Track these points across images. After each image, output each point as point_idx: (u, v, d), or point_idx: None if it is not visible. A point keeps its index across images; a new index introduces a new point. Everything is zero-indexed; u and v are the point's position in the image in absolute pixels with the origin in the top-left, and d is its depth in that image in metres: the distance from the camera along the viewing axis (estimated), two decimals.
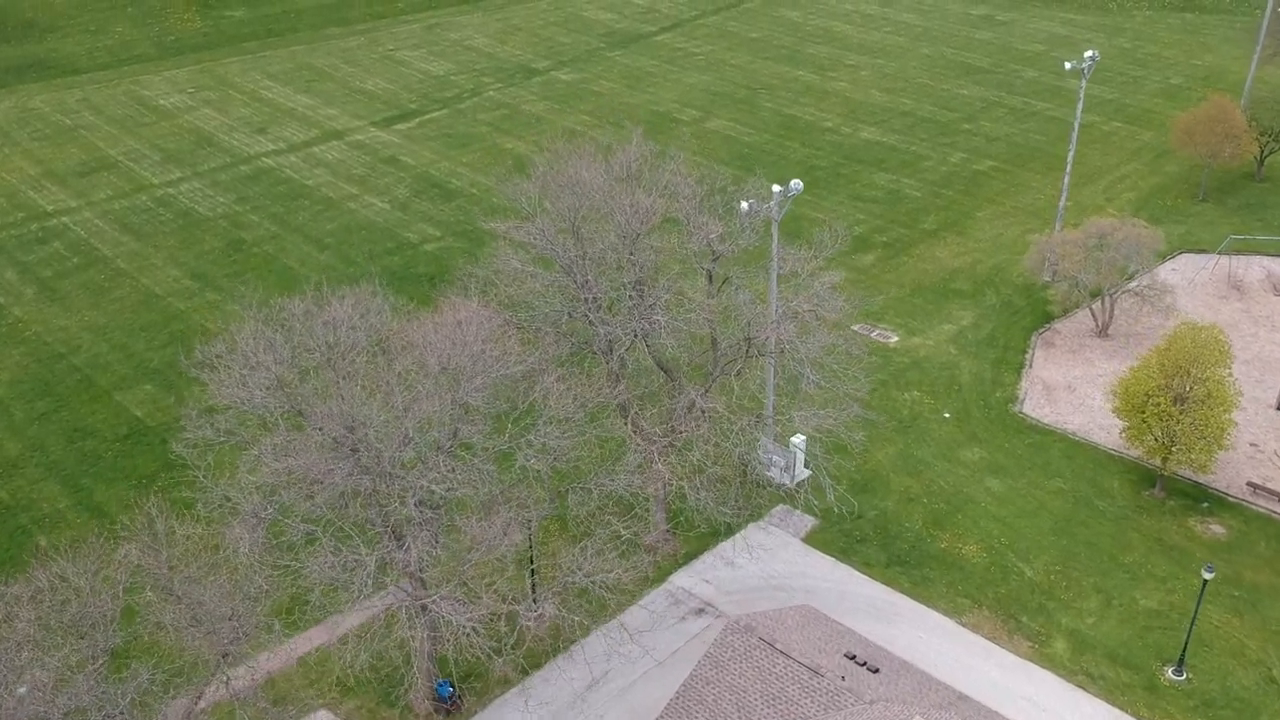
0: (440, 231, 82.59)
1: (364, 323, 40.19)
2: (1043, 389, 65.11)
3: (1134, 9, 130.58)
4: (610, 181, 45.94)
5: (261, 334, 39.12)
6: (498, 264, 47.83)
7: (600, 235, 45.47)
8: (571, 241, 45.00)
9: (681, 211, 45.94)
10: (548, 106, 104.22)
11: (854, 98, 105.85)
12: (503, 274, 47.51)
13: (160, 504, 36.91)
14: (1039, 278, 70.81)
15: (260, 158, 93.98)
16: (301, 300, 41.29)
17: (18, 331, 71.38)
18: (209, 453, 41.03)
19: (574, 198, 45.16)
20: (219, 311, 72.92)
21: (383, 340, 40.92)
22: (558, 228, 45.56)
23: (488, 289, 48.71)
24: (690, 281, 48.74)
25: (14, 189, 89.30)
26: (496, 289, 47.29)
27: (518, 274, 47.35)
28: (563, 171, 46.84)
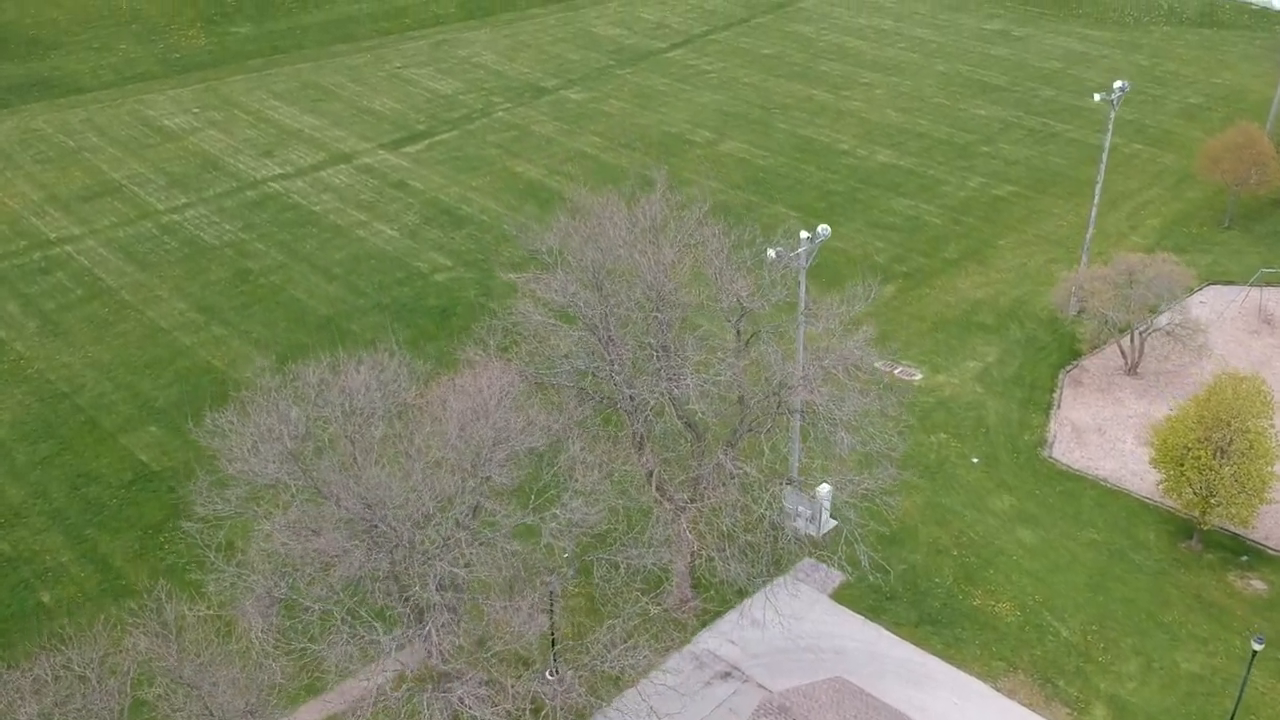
0: (451, 261, 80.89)
1: (382, 391, 38.25)
2: (1072, 431, 63.33)
3: (1151, 24, 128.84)
4: (634, 235, 43.80)
5: (275, 403, 37.16)
6: (518, 317, 45.87)
7: (625, 291, 43.58)
8: (595, 298, 43.14)
9: (710, 267, 44.00)
10: (558, 127, 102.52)
11: (869, 118, 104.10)
12: (524, 328, 45.60)
13: (169, 587, 35.10)
14: (1066, 313, 68.90)
15: (267, 182, 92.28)
16: (316, 367, 39.25)
17: (20, 369, 69.67)
18: (220, 528, 39.18)
19: (597, 252, 43.23)
20: (225, 347, 71.29)
21: (402, 408, 39.07)
22: (580, 282, 43.67)
23: (508, 344, 46.89)
24: (718, 338, 46.91)
25: (16, 215, 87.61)
26: (518, 346, 45.43)
27: (539, 328, 45.44)
28: (585, 223, 44.81)
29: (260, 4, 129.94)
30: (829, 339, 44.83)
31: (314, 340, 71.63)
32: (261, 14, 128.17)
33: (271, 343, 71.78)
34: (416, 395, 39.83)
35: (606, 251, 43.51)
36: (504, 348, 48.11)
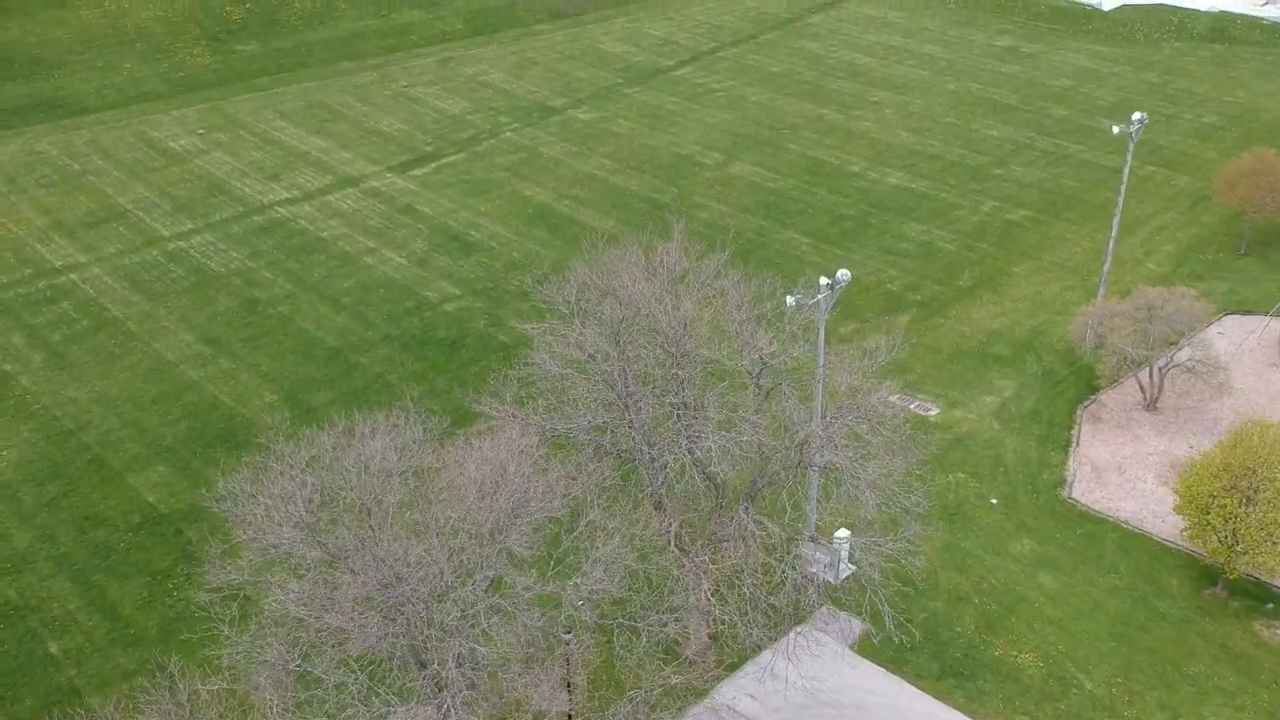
0: (460, 290, 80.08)
1: (398, 454, 37.41)
2: (1091, 470, 62.46)
3: (1162, 40, 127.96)
4: (654, 288, 42.96)
5: (289, 471, 36.33)
6: (534, 369, 45.06)
7: (644, 347, 42.74)
8: (614, 353, 42.30)
9: (731, 322, 43.16)
10: (566, 149, 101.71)
11: (880, 139, 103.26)
12: (540, 381, 44.79)
13: (182, 664, 34.27)
14: (1084, 349, 67.97)
15: (274, 207, 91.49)
16: (331, 430, 38.44)
17: (26, 404, 68.89)
18: (233, 600, 38.36)
19: (615, 305, 42.38)
20: (233, 381, 70.51)
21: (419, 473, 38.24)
22: (598, 337, 42.83)
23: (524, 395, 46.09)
24: (738, 390, 46.04)
25: (21, 242, 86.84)
26: (534, 399, 44.63)
27: (556, 379, 44.62)
28: (602, 276, 43.98)
29: (265, 22, 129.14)
30: (852, 392, 43.86)
31: (323, 373, 70.94)
32: (267, 32, 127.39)
33: (280, 376, 70.98)
34: (434, 457, 38.88)
35: (626, 304, 42.54)
36: (520, 400, 47.24)
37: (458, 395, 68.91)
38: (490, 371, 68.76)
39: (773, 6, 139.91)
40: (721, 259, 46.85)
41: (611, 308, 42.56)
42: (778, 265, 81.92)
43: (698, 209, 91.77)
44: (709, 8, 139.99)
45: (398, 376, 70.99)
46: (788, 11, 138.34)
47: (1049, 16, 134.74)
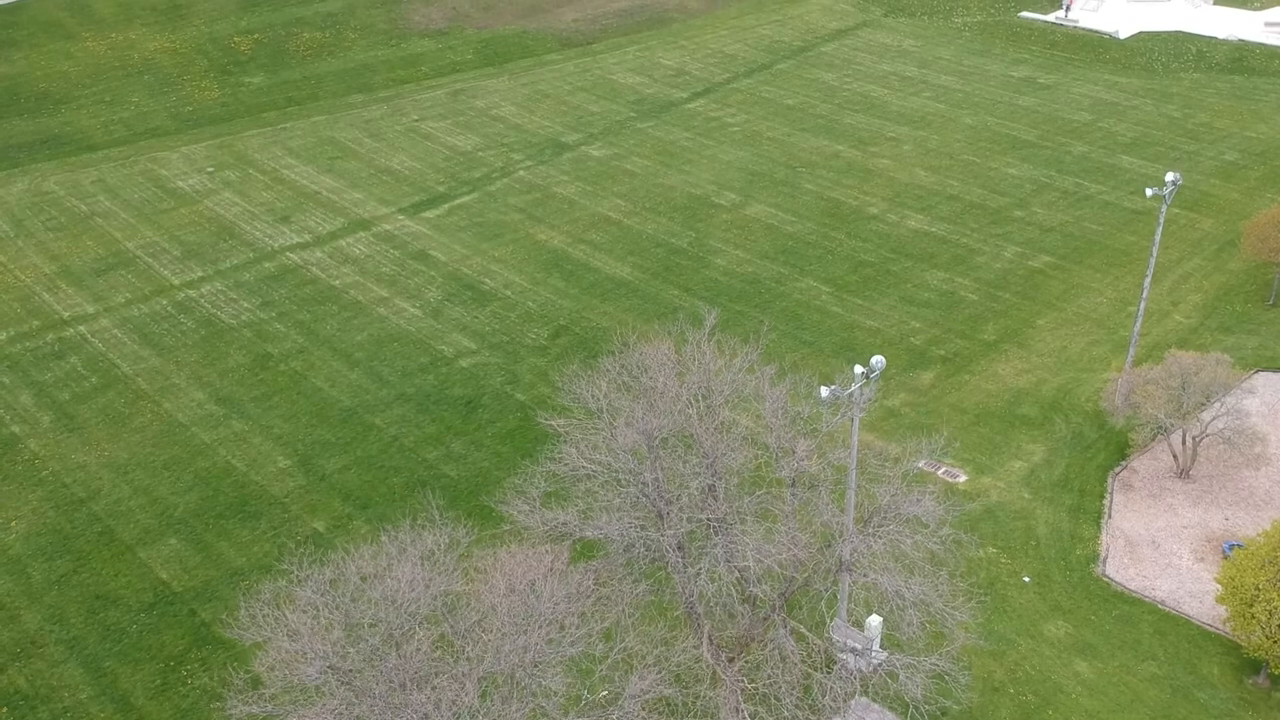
0: (475, 343, 78.64)
1: (426, 586, 35.94)
2: (1125, 545, 60.98)
3: (1180, 71, 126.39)
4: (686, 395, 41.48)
5: (311, 603, 34.88)
6: (563, 468, 43.60)
7: (679, 461, 41.24)
8: (648, 458, 40.82)
9: (769, 432, 41.66)
10: (580, 189, 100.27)
11: (898, 178, 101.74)
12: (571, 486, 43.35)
13: None
14: (1116, 417, 66.42)
15: (284, 252, 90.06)
16: (356, 556, 36.97)
17: (35, 470, 67.47)
18: None
19: (648, 412, 40.90)
20: (246, 445, 69.06)
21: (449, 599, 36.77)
22: (630, 447, 41.37)
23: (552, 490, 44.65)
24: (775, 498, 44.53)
25: (28, 291, 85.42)
26: (563, 499, 43.19)
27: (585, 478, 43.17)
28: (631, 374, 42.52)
29: (274, 52, 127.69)
30: (891, 496, 42.34)
31: (336, 436, 69.58)
32: (275, 63, 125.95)
33: (293, 440, 69.57)
34: (463, 580, 37.41)
35: (656, 408, 41.07)
36: (548, 495, 45.80)
37: (475, 460, 67.73)
38: (508, 435, 67.58)
39: (785, 35, 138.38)
40: (754, 354, 45.11)
41: (644, 414, 40.96)
42: (798, 317, 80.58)
43: (715, 254, 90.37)
44: (721, 35, 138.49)
45: (413, 440, 69.47)
46: (801, 40, 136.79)
47: (1065, 45, 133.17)
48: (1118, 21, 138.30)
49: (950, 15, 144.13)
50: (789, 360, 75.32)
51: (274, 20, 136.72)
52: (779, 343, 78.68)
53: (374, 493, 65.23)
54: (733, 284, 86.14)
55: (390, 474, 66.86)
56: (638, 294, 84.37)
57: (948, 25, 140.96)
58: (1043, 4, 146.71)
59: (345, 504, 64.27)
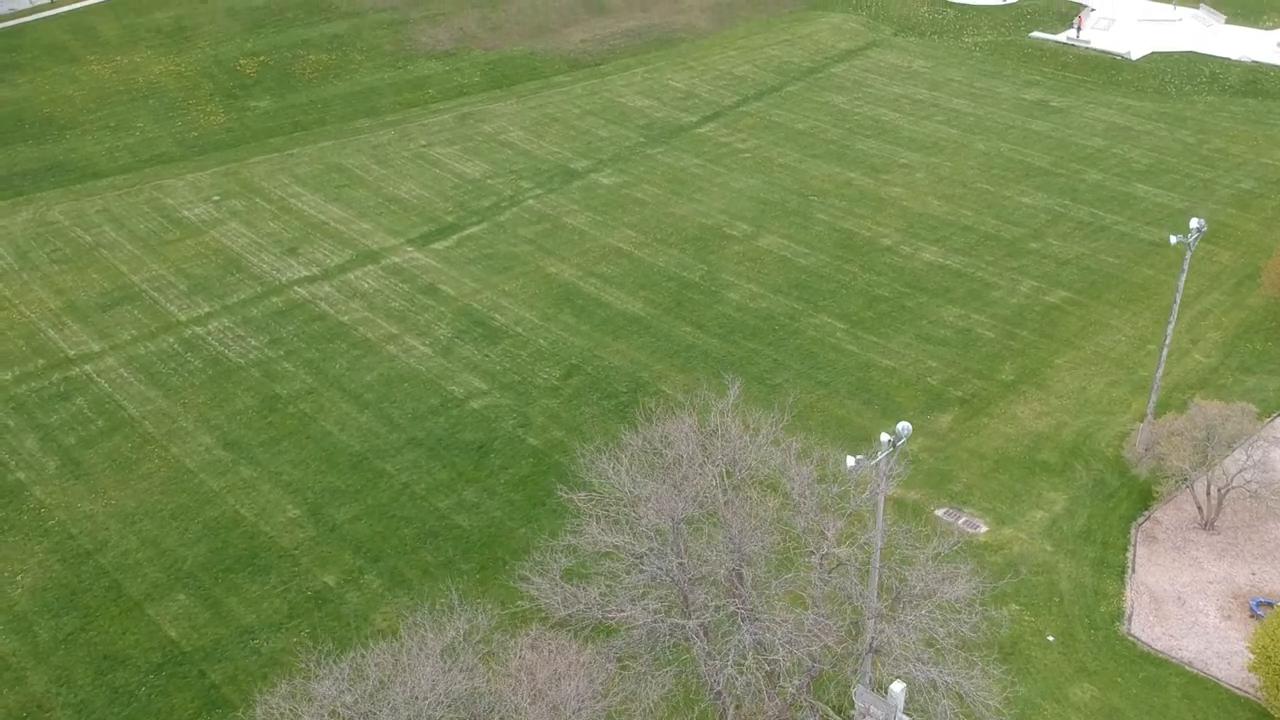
0: (486, 384, 77.59)
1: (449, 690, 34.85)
2: (1150, 601, 59.89)
3: (1194, 94, 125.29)
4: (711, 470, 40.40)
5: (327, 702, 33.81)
6: (583, 544, 42.53)
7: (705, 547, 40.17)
8: (670, 548, 39.75)
9: (797, 515, 40.57)
10: (590, 219, 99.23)
11: (911, 207, 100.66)
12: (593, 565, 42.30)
13: None
14: (1139, 469, 65.34)
15: (292, 286, 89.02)
16: (376, 651, 35.91)
17: (41, 520, 66.47)
18: None
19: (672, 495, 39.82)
20: (254, 493, 68.09)
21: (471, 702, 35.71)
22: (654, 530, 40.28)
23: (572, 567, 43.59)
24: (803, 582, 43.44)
25: (33, 328, 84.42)
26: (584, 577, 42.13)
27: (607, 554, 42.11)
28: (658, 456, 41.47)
29: (280, 75, 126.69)
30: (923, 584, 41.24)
31: (346, 484, 68.66)
32: (281, 86, 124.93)
33: (302, 487, 68.58)
34: (486, 677, 36.34)
35: (681, 490, 39.99)
36: (567, 572, 44.73)
37: (488, 508, 66.77)
38: (520, 483, 66.57)
39: (795, 55, 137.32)
40: (779, 423, 44.04)
41: (670, 496, 39.87)
42: (813, 355, 79.60)
43: (728, 288, 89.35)
44: (729, 56, 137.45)
45: (424, 488, 68.48)
46: (810, 60, 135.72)
47: (1077, 67, 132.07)
48: (1129, 42, 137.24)
49: (960, 34, 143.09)
50: (805, 401, 74.39)
51: (279, 42, 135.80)
52: (793, 382, 77.69)
53: (385, 544, 64.21)
54: (746, 320, 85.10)
55: (401, 524, 65.84)
56: (650, 331, 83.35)
57: (958, 45, 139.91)
58: (1053, 23, 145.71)
59: (356, 556, 63.25)
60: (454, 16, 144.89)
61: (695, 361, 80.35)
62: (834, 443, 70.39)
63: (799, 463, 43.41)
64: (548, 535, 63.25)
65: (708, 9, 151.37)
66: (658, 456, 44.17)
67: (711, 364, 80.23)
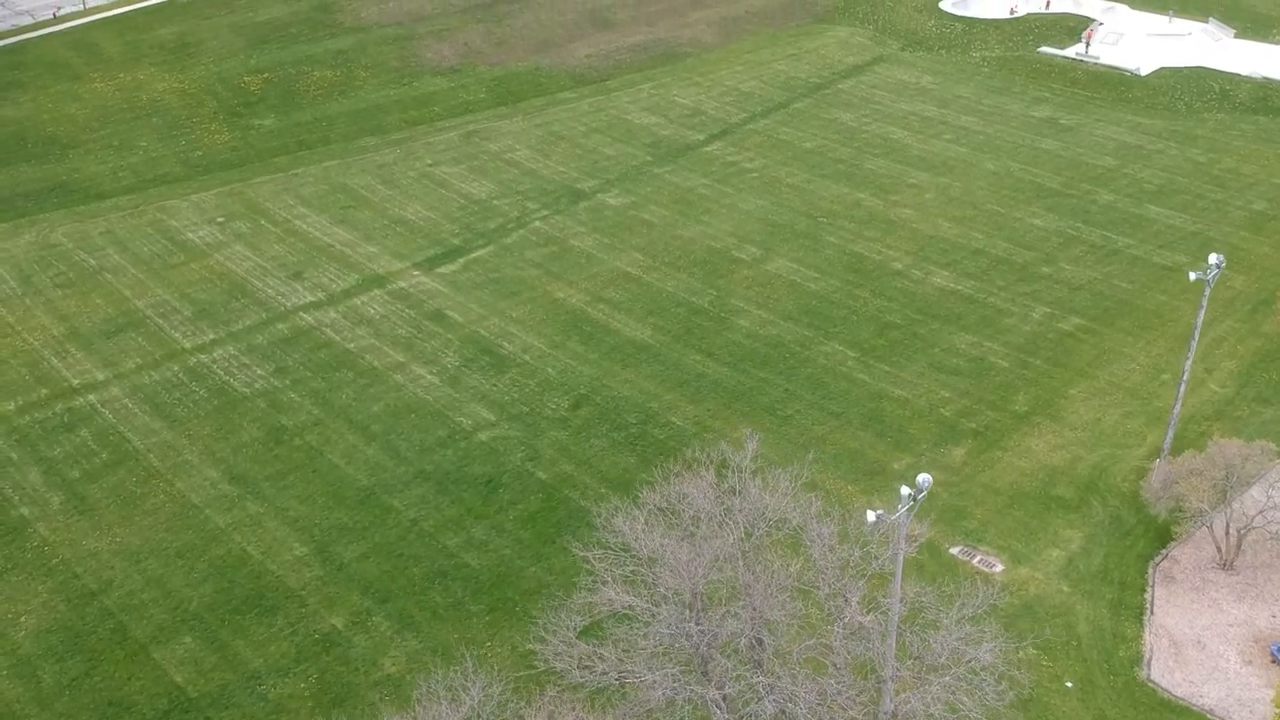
0: (494, 415, 76.77)
1: None
2: (1169, 645, 59.04)
3: (1204, 111, 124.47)
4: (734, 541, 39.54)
5: None
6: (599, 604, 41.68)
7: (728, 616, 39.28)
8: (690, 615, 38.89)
9: (821, 582, 39.70)
10: (597, 241, 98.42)
11: (921, 230, 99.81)
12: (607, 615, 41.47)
13: None
14: (1157, 509, 64.51)
15: (298, 313, 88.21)
16: None
17: (45, 558, 65.70)
18: None
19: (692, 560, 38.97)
20: (261, 530, 67.37)
21: None
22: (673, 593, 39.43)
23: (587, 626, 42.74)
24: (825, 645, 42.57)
25: (37, 356, 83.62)
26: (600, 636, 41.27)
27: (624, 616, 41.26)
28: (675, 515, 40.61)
29: (285, 92, 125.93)
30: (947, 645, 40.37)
31: (354, 520, 68.01)
32: (286, 103, 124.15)
33: (309, 523, 67.85)
34: None
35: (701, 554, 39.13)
36: (582, 631, 43.90)
37: (497, 546, 66.05)
38: (530, 519, 65.81)
39: (801, 70, 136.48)
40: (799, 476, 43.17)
41: (688, 562, 39.02)
42: (824, 385, 78.80)
43: (737, 314, 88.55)
44: (736, 71, 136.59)
45: (433, 524, 67.70)
46: (817, 76, 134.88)
47: (1086, 83, 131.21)
48: (1138, 57, 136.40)
49: (968, 49, 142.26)
50: (817, 433, 73.66)
51: (284, 58, 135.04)
52: (805, 413, 76.96)
53: (393, 584, 63.42)
54: (756, 348, 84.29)
55: (410, 563, 65.04)
56: (659, 359, 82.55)
57: (965, 60, 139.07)
58: (1061, 37, 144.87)
59: (364, 597, 62.46)
60: (459, 31, 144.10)
61: (705, 391, 79.48)
62: (847, 477, 69.77)
63: (820, 522, 42.50)
64: (558, 576, 62.58)
65: (714, 23, 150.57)
66: (676, 516, 43.28)
67: (722, 394, 79.38)
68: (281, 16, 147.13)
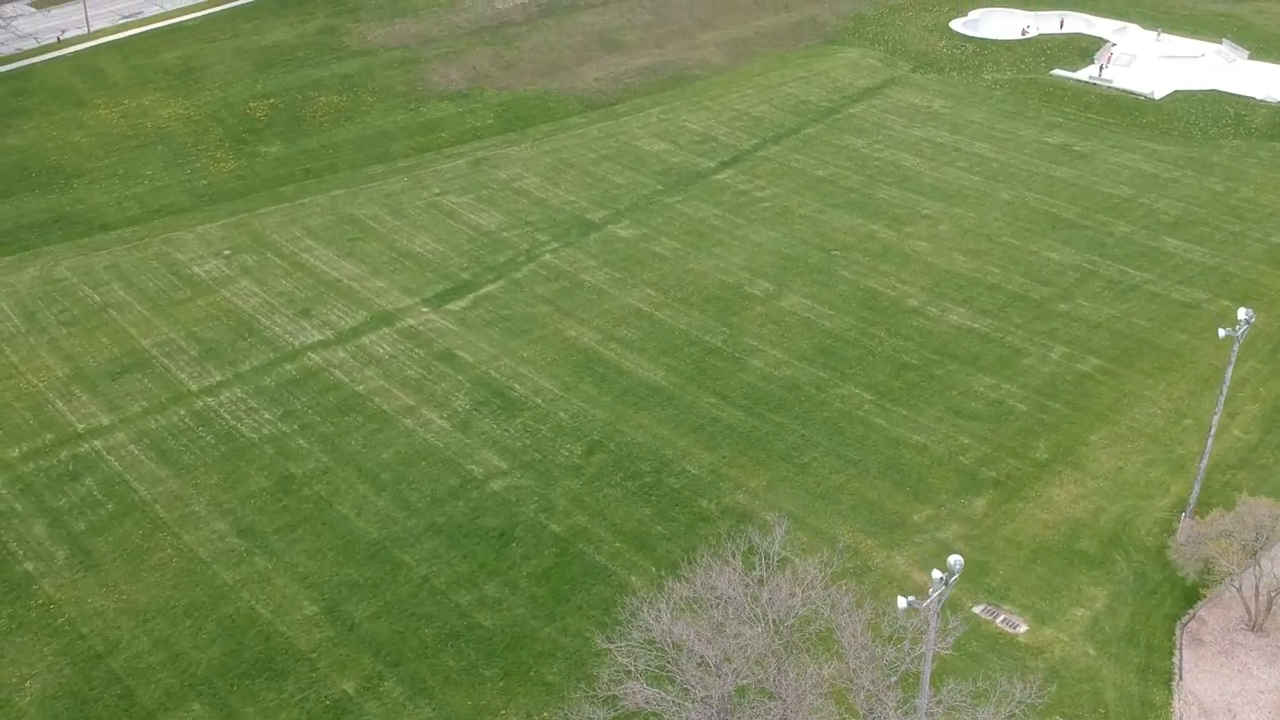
0: (506, 463, 75.54)
1: None
2: (1199, 713, 57.88)
3: (1219, 137, 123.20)
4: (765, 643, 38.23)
5: None
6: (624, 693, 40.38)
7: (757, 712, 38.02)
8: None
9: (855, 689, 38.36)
10: (608, 276, 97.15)
11: (936, 264, 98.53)
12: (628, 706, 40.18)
13: None
14: (1185, 572, 63.21)
15: (305, 353, 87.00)
16: None
17: (50, 617, 64.49)
18: None
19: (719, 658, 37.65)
20: (270, 587, 66.21)
21: None
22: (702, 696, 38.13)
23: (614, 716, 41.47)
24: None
25: (41, 399, 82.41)
26: None
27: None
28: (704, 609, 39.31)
29: (290, 118, 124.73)
30: None
31: (364, 576, 66.93)
32: (292, 130, 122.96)
33: (319, 580, 66.67)
34: None
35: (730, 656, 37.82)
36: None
37: (510, 605, 64.93)
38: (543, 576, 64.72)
39: (812, 94, 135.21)
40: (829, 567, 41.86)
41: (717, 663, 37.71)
42: (840, 430, 77.59)
43: (751, 354, 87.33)
44: (746, 95, 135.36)
45: (445, 581, 66.48)
46: (828, 99, 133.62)
47: (1100, 108, 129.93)
48: (1152, 80, 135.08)
49: (979, 71, 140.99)
50: (834, 482, 72.54)
51: (289, 83, 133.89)
52: (821, 460, 75.83)
53: (405, 646, 62.20)
54: (771, 390, 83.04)
55: (422, 623, 63.80)
56: (673, 402, 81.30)
57: (977, 83, 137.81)
58: (1073, 59, 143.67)
59: (375, 660, 61.23)
60: (466, 54, 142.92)
61: (720, 437, 78.27)
62: (867, 530, 68.54)
63: (851, 615, 41.22)
64: (573, 638, 61.43)
65: (723, 44, 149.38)
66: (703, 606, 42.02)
67: (737, 440, 78.19)
68: (288, 39, 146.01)
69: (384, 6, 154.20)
